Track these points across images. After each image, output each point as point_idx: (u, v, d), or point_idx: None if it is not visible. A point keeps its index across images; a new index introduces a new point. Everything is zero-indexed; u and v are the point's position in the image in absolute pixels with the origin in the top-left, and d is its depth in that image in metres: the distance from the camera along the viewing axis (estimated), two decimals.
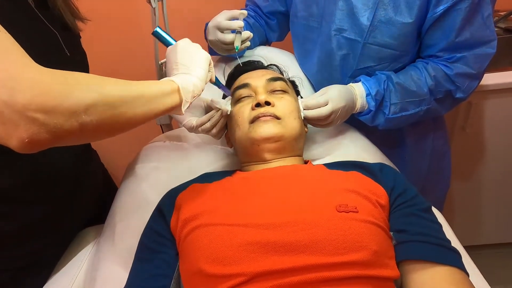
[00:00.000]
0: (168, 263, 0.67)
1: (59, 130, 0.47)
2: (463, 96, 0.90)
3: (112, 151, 1.27)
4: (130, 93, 0.56)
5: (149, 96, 0.58)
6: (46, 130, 0.46)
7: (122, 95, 0.54)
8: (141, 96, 0.57)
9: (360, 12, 0.86)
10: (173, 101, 0.63)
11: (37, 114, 0.45)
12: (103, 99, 0.51)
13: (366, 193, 0.67)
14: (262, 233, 0.60)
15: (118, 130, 0.56)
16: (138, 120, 0.57)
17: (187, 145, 0.94)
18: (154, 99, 0.59)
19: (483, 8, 0.81)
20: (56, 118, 0.46)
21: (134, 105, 0.56)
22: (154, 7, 0.97)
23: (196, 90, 0.67)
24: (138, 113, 0.56)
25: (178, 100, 0.64)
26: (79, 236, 0.93)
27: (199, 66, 0.70)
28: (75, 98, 0.48)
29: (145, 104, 0.57)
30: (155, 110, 0.60)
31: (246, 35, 0.95)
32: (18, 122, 0.44)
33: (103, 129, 0.52)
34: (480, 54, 0.85)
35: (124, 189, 0.90)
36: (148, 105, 0.58)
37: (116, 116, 0.53)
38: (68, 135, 0.48)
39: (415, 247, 0.62)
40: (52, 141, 0.47)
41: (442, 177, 1.17)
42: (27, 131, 0.45)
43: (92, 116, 0.49)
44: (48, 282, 0.83)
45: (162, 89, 0.62)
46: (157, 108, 0.60)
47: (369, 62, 0.91)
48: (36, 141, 0.46)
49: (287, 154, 0.78)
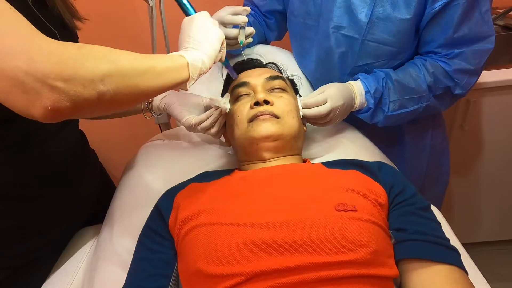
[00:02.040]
0: (167, 262, 0.67)
1: (79, 98, 0.49)
2: (462, 92, 0.90)
3: (111, 150, 1.27)
4: (141, 65, 0.57)
5: (160, 69, 0.60)
6: (66, 98, 0.48)
7: (135, 67, 0.56)
8: (152, 69, 0.59)
9: (358, 9, 0.86)
10: (181, 76, 0.64)
11: (57, 82, 0.47)
12: (118, 69, 0.53)
13: (365, 192, 0.66)
14: (261, 233, 0.59)
15: (132, 101, 0.59)
16: (149, 92, 0.59)
17: (185, 144, 0.94)
18: (164, 73, 0.61)
19: (480, 3, 0.81)
20: (75, 86, 0.48)
21: (145, 77, 0.57)
22: (152, 6, 0.96)
23: (204, 67, 0.67)
24: (149, 85, 0.58)
25: (187, 75, 0.65)
26: (78, 235, 0.92)
27: (210, 44, 0.69)
28: (90, 67, 0.50)
29: (156, 77, 0.59)
30: (165, 84, 0.61)
31: (249, 31, 0.95)
32: (40, 90, 0.46)
33: (119, 100, 0.54)
34: (479, 50, 0.85)
35: (122, 188, 0.89)
36: (159, 78, 0.60)
37: (130, 87, 0.55)
38: (87, 104, 0.50)
39: (414, 246, 0.62)
40: (73, 110, 0.49)
41: (440, 175, 1.17)
42: (49, 98, 0.47)
43: (108, 86, 0.51)
44: (46, 282, 0.83)
45: (172, 64, 0.63)
46: (166, 82, 0.61)
47: (367, 60, 0.91)
48: (57, 109, 0.48)
49: (286, 153, 0.78)
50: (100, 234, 0.86)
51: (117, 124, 1.20)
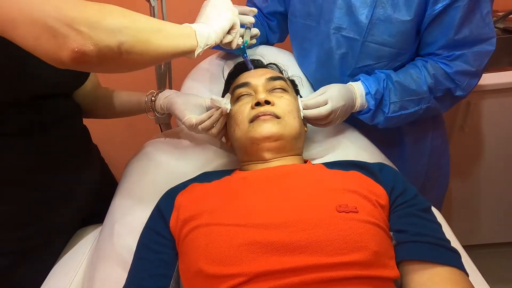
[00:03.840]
0: (168, 263, 0.67)
1: (102, 43, 0.54)
2: (463, 94, 0.90)
3: (111, 149, 1.26)
4: (154, 24, 0.64)
5: (171, 31, 0.66)
6: (91, 42, 0.53)
7: (148, 25, 0.63)
8: (164, 29, 0.65)
9: (359, 10, 0.86)
10: (189, 43, 0.69)
11: (82, 27, 0.52)
12: (134, 24, 0.60)
13: (366, 193, 0.66)
14: (262, 233, 0.59)
15: (146, 58, 0.63)
16: (159, 52, 0.64)
17: (186, 144, 0.94)
18: (174, 36, 0.67)
19: (481, 5, 0.81)
20: (98, 33, 0.54)
21: (158, 36, 0.63)
22: (153, 6, 0.96)
23: (210, 40, 0.73)
24: (161, 45, 0.64)
25: (195, 43, 0.70)
26: (78, 234, 0.92)
27: (219, 22, 0.76)
28: (111, 19, 0.56)
29: (166, 38, 0.65)
30: (174, 47, 0.66)
31: (254, 32, 0.95)
32: (67, 34, 0.52)
33: (135, 53, 0.60)
34: (480, 52, 0.85)
35: (123, 187, 0.89)
36: (169, 39, 0.65)
37: (144, 42, 0.61)
38: (110, 52, 0.56)
39: (415, 247, 0.62)
40: (97, 56, 0.54)
41: (441, 176, 1.17)
42: (76, 41, 0.52)
43: (126, 37, 0.57)
44: (46, 281, 0.82)
45: (182, 31, 0.69)
46: (176, 45, 0.67)
47: (368, 61, 0.91)
48: (83, 53, 0.53)
49: (287, 153, 0.78)
50: (100, 234, 0.86)
51: (117, 124, 1.20)
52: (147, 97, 0.92)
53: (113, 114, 0.98)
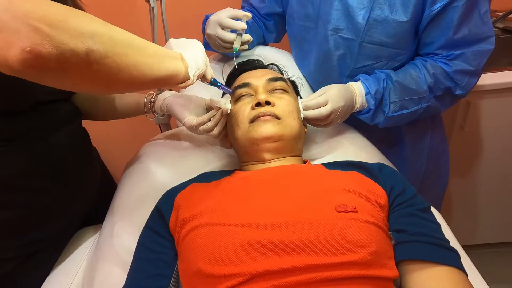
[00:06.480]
0: (167, 263, 0.67)
1: (65, 47, 0.44)
2: (463, 93, 0.90)
3: (111, 150, 1.26)
4: (135, 40, 0.55)
5: (154, 51, 0.58)
6: (50, 43, 0.43)
7: (127, 38, 0.54)
8: (145, 47, 0.56)
9: (356, 11, 0.86)
10: (177, 66, 0.63)
11: (41, 24, 0.42)
12: (109, 33, 0.50)
13: (365, 193, 0.67)
14: (262, 233, 0.59)
15: (121, 76, 0.52)
16: (141, 71, 0.55)
17: (186, 144, 0.94)
18: (157, 55, 0.58)
19: (479, 4, 0.82)
20: (61, 33, 0.44)
21: (138, 53, 0.54)
22: (153, 6, 0.97)
23: (200, 62, 0.67)
24: (141, 62, 0.55)
25: (183, 67, 0.64)
26: (78, 235, 0.92)
27: (198, 50, 0.69)
28: (81, 21, 0.46)
29: (149, 57, 0.57)
30: (159, 68, 0.58)
31: (246, 38, 0.95)
32: (18, 29, 0.42)
33: (108, 66, 0.49)
34: (479, 51, 0.85)
35: (122, 188, 0.89)
36: (150, 58, 0.57)
37: (122, 56, 0.51)
38: (74, 57, 0.45)
39: (414, 247, 0.62)
40: (57, 60, 0.44)
41: (440, 176, 1.17)
42: (29, 38, 0.42)
43: (98, 45, 0.47)
44: (46, 282, 0.82)
45: (166, 51, 0.62)
46: (161, 66, 0.59)
47: (366, 61, 0.91)
48: (37, 54, 0.42)
49: (287, 154, 0.78)
50: (100, 234, 0.86)
51: (117, 125, 1.20)
52: (146, 99, 0.92)
53: (112, 116, 0.98)
